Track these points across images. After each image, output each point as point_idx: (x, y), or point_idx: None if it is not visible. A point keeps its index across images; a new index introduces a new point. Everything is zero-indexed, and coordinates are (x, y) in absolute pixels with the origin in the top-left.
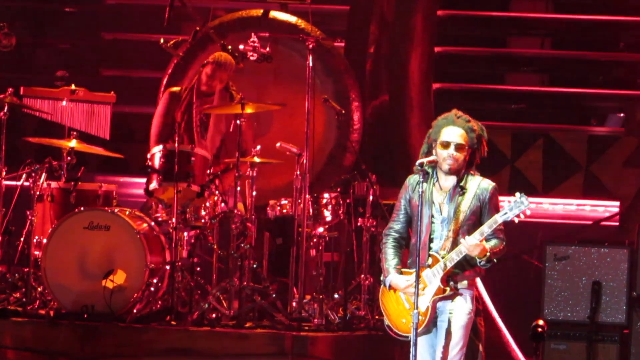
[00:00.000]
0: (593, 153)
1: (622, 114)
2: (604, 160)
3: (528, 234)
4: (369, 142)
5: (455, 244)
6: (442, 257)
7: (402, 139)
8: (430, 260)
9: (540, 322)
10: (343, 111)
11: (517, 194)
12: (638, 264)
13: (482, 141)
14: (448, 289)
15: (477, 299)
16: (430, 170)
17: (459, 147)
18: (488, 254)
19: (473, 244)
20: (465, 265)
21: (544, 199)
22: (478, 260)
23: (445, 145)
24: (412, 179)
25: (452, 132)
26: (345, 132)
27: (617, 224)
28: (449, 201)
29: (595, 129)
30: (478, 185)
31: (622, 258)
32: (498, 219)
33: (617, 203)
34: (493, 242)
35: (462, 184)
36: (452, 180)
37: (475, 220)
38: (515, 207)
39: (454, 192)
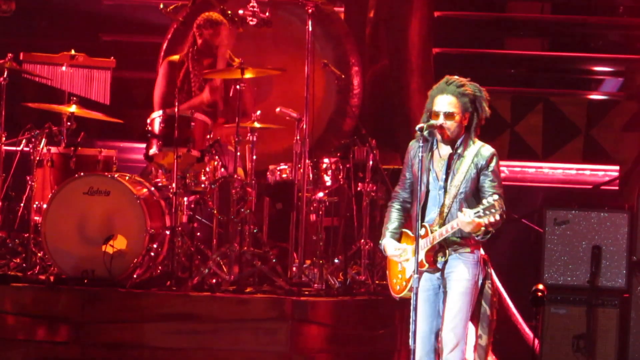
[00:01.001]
0: (593, 117)
1: (621, 79)
2: (603, 124)
3: (528, 199)
4: (368, 107)
5: (451, 213)
6: (432, 231)
7: (402, 104)
8: (422, 231)
9: (540, 287)
10: (343, 76)
11: (495, 197)
12: (638, 228)
13: (481, 102)
14: (427, 265)
15: (486, 262)
16: (429, 137)
17: (448, 116)
18: (483, 228)
19: (465, 221)
20: (464, 232)
21: (544, 164)
22: (474, 235)
23: (436, 115)
24: (414, 143)
25: (441, 100)
26: (345, 97)
27: (616, 188)
28: (446, 169)
29: (595, 93)
30: (476, 151)
31: (622, 222)
32: (470, 214)
33: (617, 167)
34: (491, 217)
35: (459, 151)
36: (452, 145)
37: (474, 188)
38: (488, 210)
39: (450, 159)
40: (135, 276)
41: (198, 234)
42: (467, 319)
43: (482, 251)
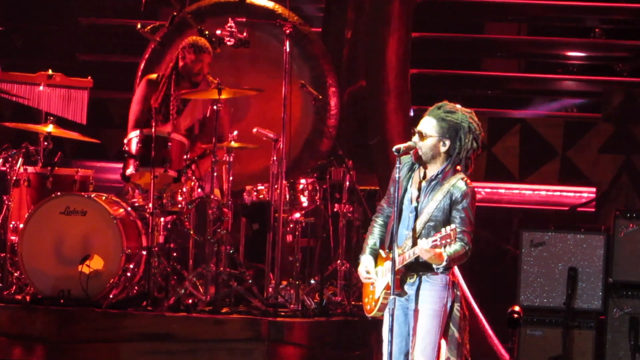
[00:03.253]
0: (569, 139)
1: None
2: (580, 146)
3: (504, 220)
4: (345, 128)
5: (421, 238)
6: (399, 254)
7: (379, 125)
8: (398, 252)
9: (517, 308)
10: (320, 97)
11: (450, 227)
12: (614, 249)
13: (464, 133)
14: (391, 291)
15: (455, 285)
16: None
17: (422, 136)
18: (444, 262)
19: (424, 248)
20: None
21: (521, 185)
22: (434, 266)
23: (413, 133)
24: (401, 159)
25: (423, 121)
26: (322, 118)
27: (593, 209)
28: (423, 192)
29: (572, 115)
30: (454, 183)
31: (599, 244)
32: (429, 242)
33: (594, 189)
34: (454, 247)
35: (438, 177)
36: (433, 171)
37: (444, 218)
38: (444, 239)
39: (428, 185)
40: (111, 296)
41: (175, 254)
42: (436, 341)
43: (455, 272)
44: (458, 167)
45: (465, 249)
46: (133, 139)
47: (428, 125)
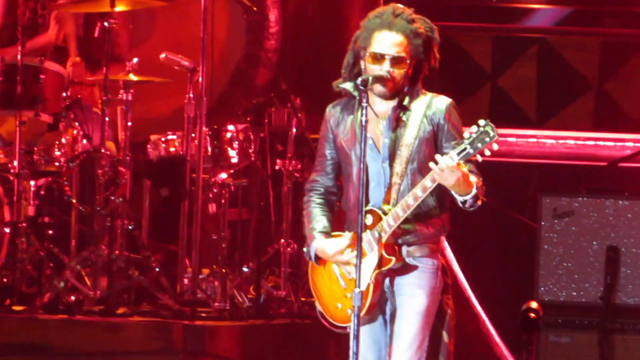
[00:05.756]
0: (608, 66)
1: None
2: (623, 76)
3: (517, 181)
4: (291, 52)
5: (403, 191)
6: (385, 213)
7: (338, 47)
8: (369, 219)
9: (534, 305)
10: (255, 8)
11: (481, 122)
12: None
13: (431, 47)
14: (394, 258)
15: (445, 270)
16: (357, 93)
17: (397, 61)
18: (474, 189)
19: (449, 165)
20: (421, 218)
21: (540, 132)
22: (460, 198)
23: (378, 58)
24: (335, 108)
25: (387, 39)
26: (258, 38)
27: None
28: (388, 132)
29: (612, 31)
30: (428, 104)
31: None
32: (453, 156)
33: None
34: (470, 178)
35: (404, 103)
36: (390, 102)
37: (430, 153)
38: (478, 139)
39: (394, 118)
40: None
41: (50, 232)
42: (425, 347)
43: (446, 252)
44: (419, 88)
45: (481, 181)
46: None
47: (399, 45)
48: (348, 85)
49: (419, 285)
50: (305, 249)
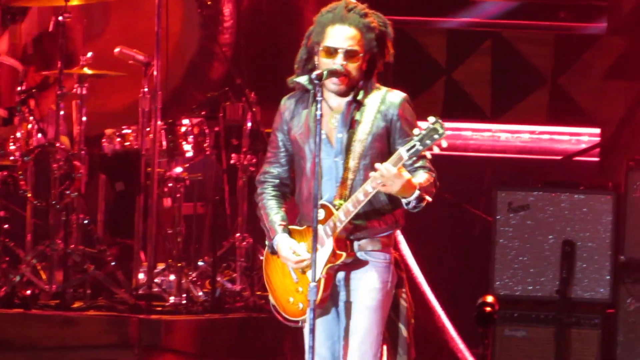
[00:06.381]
0: (563, 60)
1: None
2: (577, 70)
3: (471, 174)
4: (246, 46)
5: (355, 187)
6: (337, 208)
7: (293, 41)
8: (322, 214)
9: (489, 299)
10: (209, 2)
11: (431, 118)
12: (626, 216)
13: (385, 41)
14: (344, 254)
15: (398, 264)
16: (311, 87)
17: (350, 55)
18: (417, 191)
19: (392, 174)
20: (373, 214)
21: (494, 125)
22: (404, 200)
23: (331, 52)
24: (289, 100)
25: (340, 33)
26: (213, 33)
27: (596, 159)
28: (342, 126)
29: (566, 25)
30: (382, 99)
31: (605, 208)
32: (402, 153)
33: (597, 130)
34: (419, 175)
35: (359, 97)
36: (344, 97)
37: (383, 149)
38: (427, 136)
39: (347, 113)
40: None
41: (5, 226)
42: (379, 342)
43: (401, 246)
44: (373, 83)
45: (433, 177)
46: None
47: (353, 38)
48: (303, 79)
49: (371, 280)
50: (267, 242)
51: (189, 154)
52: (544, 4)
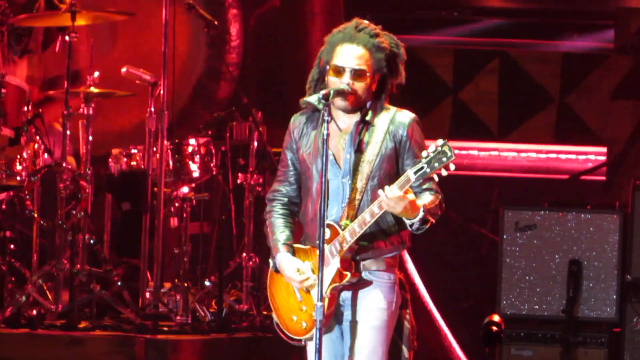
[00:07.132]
0: (570, 79)
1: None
2: (585, 89)
3: (478, 194)
4: (252, 66)
5: (362, 207)
6: (343, 228)
7: (299, 61)
8: (327, 233)
9: (496, 319)
10: (216, 22)
11: (439, 141)
12: (633, 235)
13: (396, 62)
14: (349, 274)
15: (402, 285)
16: (320, 107)
17: (357, 74)
18: (421, 212)
19: (395, 196)
20: (379, 235)
21: (501, 144)
22: (408, 221)
23: (339, 71)
24: (299, 118)
25: (348, 52)
26: (219, 52)
27: (603, 178)
28: (350, 147)
29: (574, 44)
30: (391, 119)
31: (612, 227)
32: (410, 175)
33: (603, 149)
34: (425, 197)
35: (367, 118)
36: (353, 117)
37: (391, 170)
38: (435, 159)
39: (356, 133)
40: None
41: (12, 246)
42: None
43: (407, 265)
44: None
45: (439, 198)
46: None
47: (361, 58)
48: (313, 99)
49: (376, 300)
50: (270, 260)
51: (196, 174)
52: (551, 23)
